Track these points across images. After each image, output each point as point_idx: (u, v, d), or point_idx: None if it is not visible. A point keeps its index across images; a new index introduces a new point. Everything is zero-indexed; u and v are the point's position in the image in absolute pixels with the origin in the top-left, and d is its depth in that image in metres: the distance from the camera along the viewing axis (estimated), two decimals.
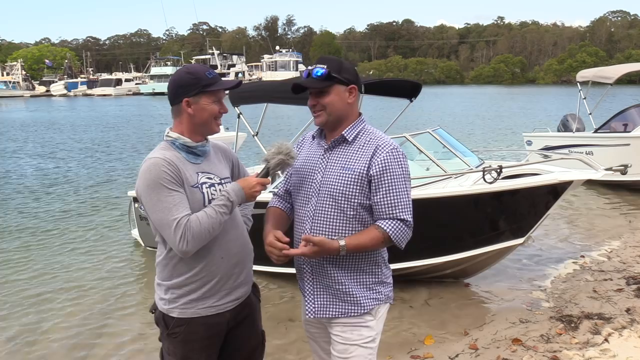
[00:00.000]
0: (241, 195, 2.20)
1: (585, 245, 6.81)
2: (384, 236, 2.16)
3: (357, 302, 2.23)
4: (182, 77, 2.22)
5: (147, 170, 2.12)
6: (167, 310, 2.24)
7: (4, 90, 66.36)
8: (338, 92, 2.23)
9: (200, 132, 2.26)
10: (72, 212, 9.27)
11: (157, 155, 2.17)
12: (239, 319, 2.34)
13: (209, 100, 2.21)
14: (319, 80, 2.21)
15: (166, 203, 2.08)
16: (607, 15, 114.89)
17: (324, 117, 2.25)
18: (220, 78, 2.28)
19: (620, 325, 4.23)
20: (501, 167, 4.80)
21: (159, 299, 2.29)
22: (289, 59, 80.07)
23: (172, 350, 2.26)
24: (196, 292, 2.21)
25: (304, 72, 2.28)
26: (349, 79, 2.23)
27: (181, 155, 2.21)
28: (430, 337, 4.38)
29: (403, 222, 2.18)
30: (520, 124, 23.05)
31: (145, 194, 2.12)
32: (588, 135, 10.43)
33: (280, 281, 5.58)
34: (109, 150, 17.70)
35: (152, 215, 2.12)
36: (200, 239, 2.10)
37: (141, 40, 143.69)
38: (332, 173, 2.22)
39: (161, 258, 2.24)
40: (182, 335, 2.22)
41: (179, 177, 2.13)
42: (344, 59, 2.39)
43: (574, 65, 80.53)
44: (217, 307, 2.24)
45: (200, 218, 2.10)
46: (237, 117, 6.59)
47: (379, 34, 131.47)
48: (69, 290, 5.79)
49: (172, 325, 2.23)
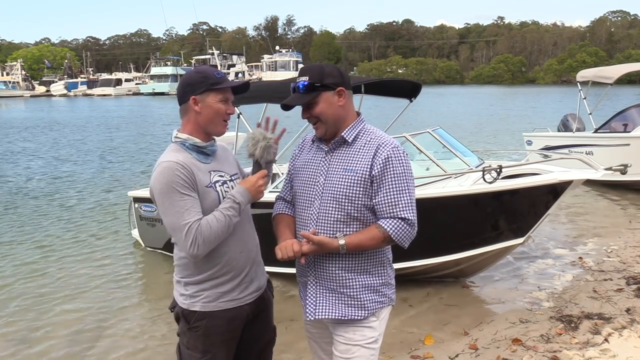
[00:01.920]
0: (247, 195, 2.24)
1: (585, 245, 6.81)
2: (384, 235, 2.15)
3: (362, 305, 2.22)
4: (190, 76, 2.28)
5: (161, 174, 2.15)
6: (189, 305, 2.29)
7: (3, 90, 66.37)
8: (326, 99, 2.21)
9: (207, 132, 2.28)
10: (72, 212, 9.27)
11: (170, 158, 2.19)
12: (256, 312, 2.39)
13: (215, 99, 2.24)
14: (303, 95, 2.20)
15: (178, 207, 2.12)
16: (607, 15, 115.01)
17: (322, 128, 2.25)
18: (228, 79, 2.31)
19: (620, 325, 4.23)
20: (501, 167, 4.80)
21: (179, 295, 2.33)
22: (289, 59, 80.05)
23: (193, 345, 2.29)
24: (219, 287, 2.27)
25: (291, 88, 2.26)
26: (334, 83, 2.21)
27: (192, 157, 2.24)
28: (430, 337, 4.38)
29: (404, 221, 2.15)
30: (520, 123, 23.05)
31: (159, 197, 2.16)
32: (588, 135, 10.42)
33: (280, 281, 5.57)
34: (109, 150, 17.70)
35: (165, 218, 2.17)
36: (210, 243, 2.15)
37: (141, 40, 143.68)
38: (335, 176, 2.21)
39: (182, 256, 2.28)
40: (204, 329, 2.26)
41: (192, 181, 2.16)
42: (325, 63, 2.37)
43: (574, 65, 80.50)
44: (238, 300, 2.30)
45: (211, 222, 2.14)
46: (237, 117, 6.59)
47: (379, 34, 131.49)
48: (68, 290, 5.80)
49: (194, 320, 2.27)
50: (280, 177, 5.78)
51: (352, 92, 2.32)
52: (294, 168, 2.40)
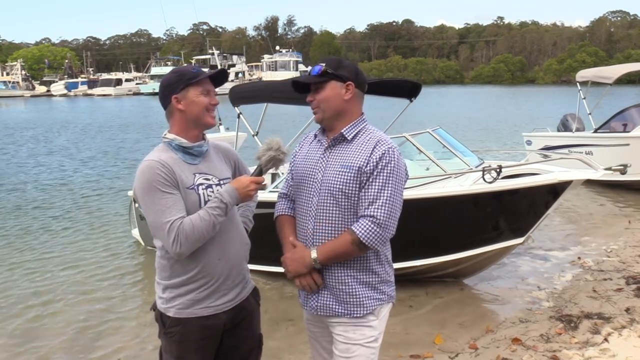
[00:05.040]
0: (235, 196, 2.19)
1: (585, 245, 6.81)
2: (352, 237, 2.13)
3: (360, 303, 2.23)
4: (168, 78, 2.27)
5: (142, 173, 2.15)
6: (165, 310, 2.26)
7: (3, 90, 66.33)
8: (334, 88, 2.24)
9: (195, 127, 2.27)
10: (72, 211, 9.27)
11: (152, 157, 2.19)
12: (235, 321, 2.34)
13: (196, 92, 2.23)
14: (314, 77, 2.25)
15: (160, 205, 2.10)
16: (607, 15, 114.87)
17: (320, 114, 2.27)
18: (204, 71, 2.29)
19: (620, 324, 4.24)
20: (501, 167, 4.80)
21: (158, 298, 2.31)
22: (289, 59, 80.00)
23: (169, 349, 2.28)
24: (193, 293, 2.22)
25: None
26: (346, 76, 2.24)
27: (177, 157, 2.22)
28: (439, 337, 4.35)
29: (372, 220, 2.12)
30: (520, 123, 23.05)
31: (140, 196, 2.15)
32: (588, 135, 10.43)
33: (280, 281, 5.58)
34: (110, 150, 17.70)
35: (147, 217, 2.15)
36: (194, 242, 2.12)
37: (141, 40, 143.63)
38: (332, 171, 2.22)
39: (160, 258, 2.26)
40: (178, 335, 2.23)
41: (173, 179, 2.14)
42: (346, 59, 2.39)
43: (574, 65, 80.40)
44: (213, 308, 2.25)
45: (194, 221, 2.11)
46: (237, 117, 6.60)
47: (379, 34, 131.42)
48: (69, 289, 5.80)
49: (169, 325, 2.25)
50: (280, 177, 5.78)
51: (362, 93, 2.33)
52: (294, 164, 2.41)
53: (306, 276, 2.23)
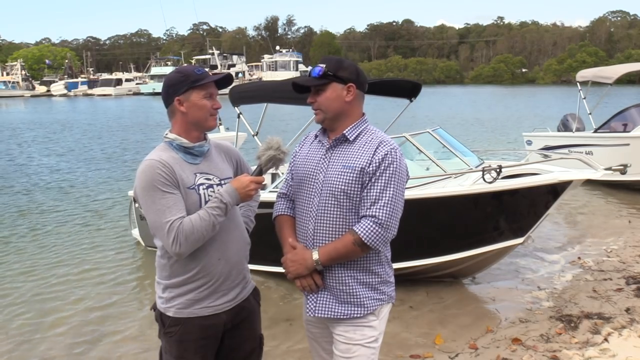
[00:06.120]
0: (235, 196, 2.19)
1: (585, 245, 6.81)
2: (354, 238, 2.13)
3: (360, 303, 2.23)
4: (171, 78, 2.25)
5: (142, 172, 2.14)
6: (164, 309, 2.26)
7: (3, 90, 66.31)
8: (335, 90, 2.23)
9: (197, 129, 2.26)
10: (72, 211, 9.27)
11: (153, 157, 2.18)
12: (236, 321, 2.33)
13: (199, 96, 2.22)
14: (315, 79, 2.24)
15: (159, 205, 2.10)
16: (607, 15, 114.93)
17: (320, 115, 2.27)
18: (209, 74, 2.27)
19: (620, 324, 4.24)
20: (501, 167, 4.80)
21: (158, 297, 2.31)
22: (289, 59, 80.00)
23: (168, 349, 2.28)
24: (192, 293, 2.22)
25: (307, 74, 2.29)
26: (347, 77, 2.23)
27: (178, 156, 2.22)
28: (439, 337, 4.35)
29: (374, 220, 2.12)
30: (520, 123, 23.05)
31: (141, 195, 2.14)
32: (588, 135, 10.43)
33: (280, 281, 5.58)
34: (110, 150, 17.70)
35: (147, 216, 2.15)
36: (194, 242, 2.11)
37: (141, 40, 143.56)
38: (334, 172, 2.22)
39: (160, 258, 2.26)
40: (177, 335, 2.23)
41: (173, 179, 2.14)
42: (346, 59, 2.38)
43: (574, 65, 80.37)
44: (213, 308, 2.25)
45: (194, 221, 2.10)
46: (237, 117, 6.60)
47: (379, 34, 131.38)
48: (68, 290, 5.79)
49: (168, 325, 2.25)
50: (280, 177, 5.78)
51: (363, 94, 2.33)
52: (295, 164, 2.40)
53: (307, 277, 2.23)
